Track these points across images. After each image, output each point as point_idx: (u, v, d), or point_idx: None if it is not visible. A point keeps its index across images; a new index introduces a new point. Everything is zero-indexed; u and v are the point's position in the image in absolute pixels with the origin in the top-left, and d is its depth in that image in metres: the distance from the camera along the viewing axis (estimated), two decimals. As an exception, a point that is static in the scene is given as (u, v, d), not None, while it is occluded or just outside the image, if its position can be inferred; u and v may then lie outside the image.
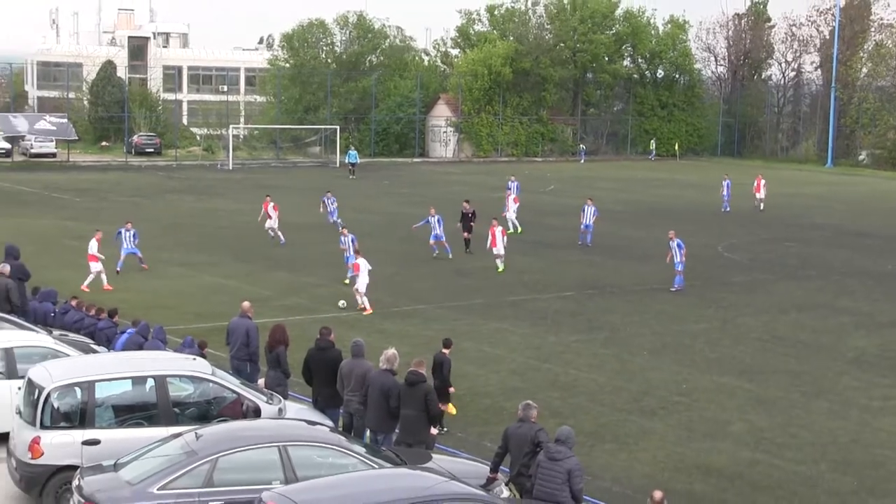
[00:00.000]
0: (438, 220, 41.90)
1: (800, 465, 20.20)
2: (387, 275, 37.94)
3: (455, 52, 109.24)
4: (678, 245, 36.50)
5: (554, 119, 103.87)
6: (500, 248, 39.24)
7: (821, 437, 21.80)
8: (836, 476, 19.75)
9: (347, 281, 34.96)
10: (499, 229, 39.74)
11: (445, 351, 21.06)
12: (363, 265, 32.26)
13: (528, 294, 35.66)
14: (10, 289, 26.22)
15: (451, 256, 41.67)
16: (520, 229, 48.61)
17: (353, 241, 36.11)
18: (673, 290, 36.28)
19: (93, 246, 35.13)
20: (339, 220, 46.43)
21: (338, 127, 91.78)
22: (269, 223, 44.86)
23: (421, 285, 36.68)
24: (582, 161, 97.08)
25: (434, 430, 18.52)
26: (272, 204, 45.18)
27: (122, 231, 38.18)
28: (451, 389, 21.23)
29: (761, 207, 60.27)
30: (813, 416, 23.17)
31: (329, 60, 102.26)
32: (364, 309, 31.99)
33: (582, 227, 46.32)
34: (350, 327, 28.63)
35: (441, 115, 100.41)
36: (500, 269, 39.09)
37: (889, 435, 22.10)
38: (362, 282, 32.17)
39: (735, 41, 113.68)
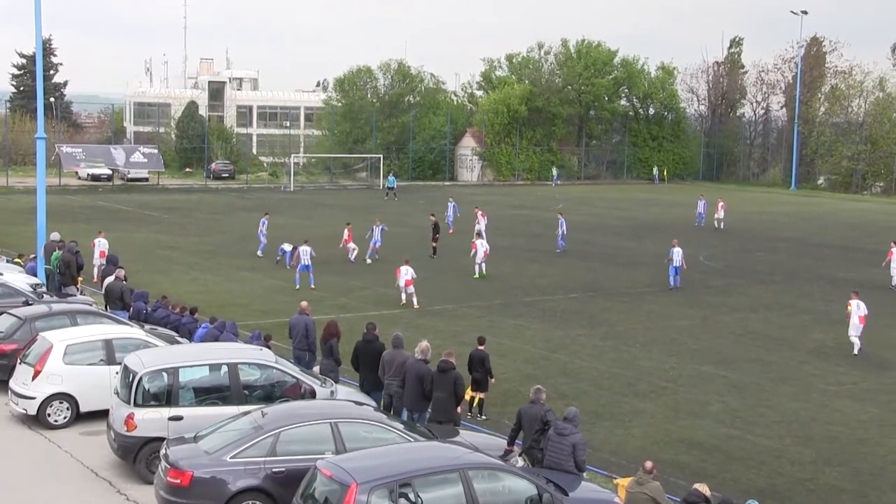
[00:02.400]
0: (381, 230, 42.50)
1: (768, 439, 20.05)
2: (420, 279, 37.89)
3: (479, 93, 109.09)
4: (674, 252, 37.24)
5: (562, 149, 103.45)
6: (479, 257, 38.61)
7: (785, 416, 21.64)
8: (798, 449, 19.59)
9: (299, 287, 35.03)
10: (479, 242, 39.23)
11: (481, 347, 20.90)
12: (404, 272, 32.86)
13: (540, 295, 35.55)
14: (125, 290, 26.57)
15: (375, 258, 41.73)
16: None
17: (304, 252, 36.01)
18: (677, 287, 36.76)
19: (103, 244, 35.04)
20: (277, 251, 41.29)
21: (381, 155, 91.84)
22: (349, 246, 42.32)
23: (449, 288, 36.62)
24: (555, 184, 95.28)
25: (458, 409, 18.45)
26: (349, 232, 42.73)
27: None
28: (493, 381, 21.01)
29: (720, 226, 58.63)
30: (779, 399, 23.00)
31: (374, 100, 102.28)
32: (410, 304, 32.56)
33: (559, 238, 46.47)
34: (391, 323, 28.60)
35: (468, 145, 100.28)
36: (476, 276, 38.34)
37: (843, 414, 21.92)
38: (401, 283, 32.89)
39: (714, 84, 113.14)
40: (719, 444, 19.66)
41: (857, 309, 28.15)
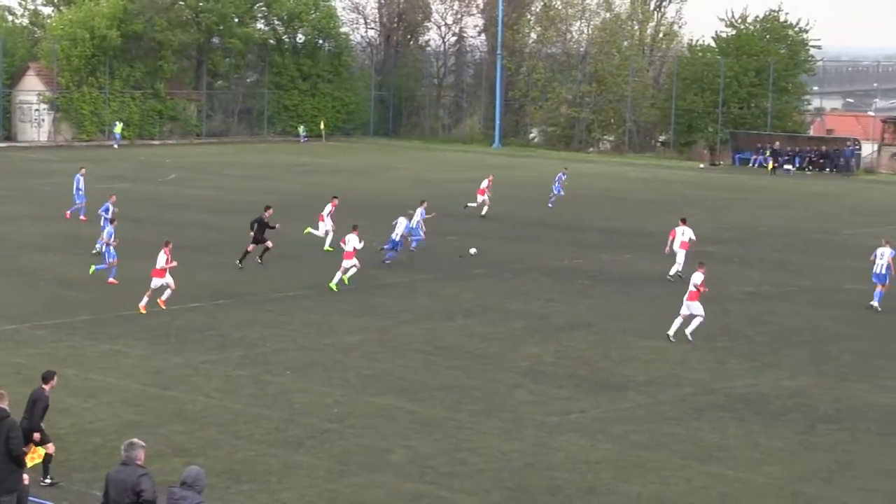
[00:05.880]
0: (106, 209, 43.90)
1: (470, 495, 20.74)
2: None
3: (48, 10, 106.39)
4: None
5: (174, 93, 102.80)
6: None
7: (493, 462, 22.45)
8: (511, 506, 20.43)
9: None
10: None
11: (45, 386, 20.30)
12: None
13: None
14: None
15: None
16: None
17: None
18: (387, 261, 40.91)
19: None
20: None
21: None
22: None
23: (8, 299, 35.47)
24: (116, 145, 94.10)
25: (26, 479, 17.92)
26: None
27: None
28: (36, 436, 20.29)
29: (483, 213, 58.66)
30: (484, 438, 23.84)
31: None
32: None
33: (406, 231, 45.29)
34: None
35: (31, 88, 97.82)
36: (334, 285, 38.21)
37: (567, 454, 23.03)
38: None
39: (387, 1, 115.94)
40: (405, 507, 20.19)
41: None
